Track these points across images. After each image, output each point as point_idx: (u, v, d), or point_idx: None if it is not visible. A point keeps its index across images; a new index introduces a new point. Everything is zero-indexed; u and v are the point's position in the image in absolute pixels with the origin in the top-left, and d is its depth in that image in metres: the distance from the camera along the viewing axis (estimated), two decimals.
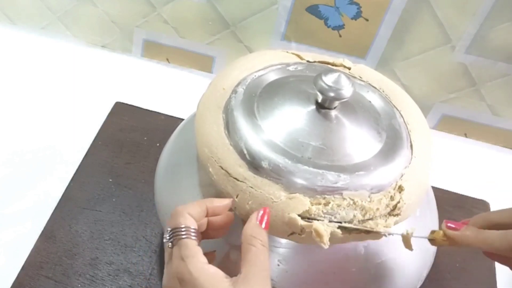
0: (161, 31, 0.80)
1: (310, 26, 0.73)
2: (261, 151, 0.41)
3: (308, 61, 0.52)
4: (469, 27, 0.68)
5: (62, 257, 0.56)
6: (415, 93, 0.75)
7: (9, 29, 0.85)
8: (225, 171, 0.41)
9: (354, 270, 0.43)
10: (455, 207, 0.68)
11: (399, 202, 0.41)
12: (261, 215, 0.38)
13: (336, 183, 0.40)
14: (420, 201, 0.44)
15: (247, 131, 0.43)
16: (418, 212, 0.46)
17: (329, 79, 0.43)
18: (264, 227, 0.37)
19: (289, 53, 0.53)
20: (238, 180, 0.41)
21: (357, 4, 0.69)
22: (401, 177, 0.42)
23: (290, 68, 0.50)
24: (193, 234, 0.37)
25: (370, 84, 0.51)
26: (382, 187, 0.41)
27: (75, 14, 0.81)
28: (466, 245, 0.38)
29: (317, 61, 0.53)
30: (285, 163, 0.40)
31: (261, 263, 0.36)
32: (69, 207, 0.61)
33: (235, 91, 0.47)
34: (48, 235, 0.58)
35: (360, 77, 0.52)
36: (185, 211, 0.38)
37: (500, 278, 0.61)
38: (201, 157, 0.44)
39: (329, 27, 0.73)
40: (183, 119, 0.57)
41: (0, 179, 0.64)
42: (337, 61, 0.53)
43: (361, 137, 0.45)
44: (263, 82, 0.48)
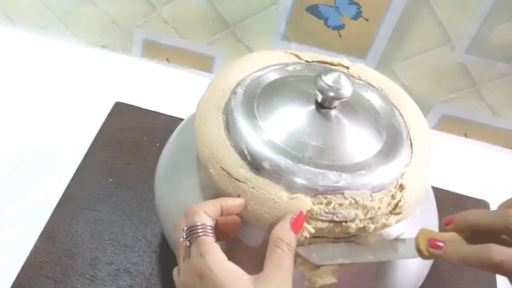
0: (161, 31, 0.80)
1: (310, 26, 0.73)
2: (262, 152, 0.41)
3: (306, 61, 0.52)
4: (469, 27, 0.68)
5: (62, 257, 0.56)
6: (415, 93, 0.75)
7: (9, 29, 0.85)
8: (226, 172, 0.41)
9: (355, 269, 0.43)
10: (455, 207, 0.68)
11: (400, 200, 0.41)
12: (295, 218, 0.38)
13: (337, 182, 0.40)
14: (420, 199, 0.44)
15: (247, 131, 0.43)
16: (418, 210, 0.46)
17: (329, 79, 0.43)
18: (295, 230, 0.38)
19: (287, 53, 0.53)
20: (239, 181, 0.41)
21: (357, 4, 0.69)
22: (402, 175, 0.43)
23: (289, 68, 0.50)
24: (210, 231, 0.38)
25: (369, 83, 0.51)
26: (383, 186, 0.41)
27: (75, 14, 0.81)
28: (449, 262, 0.38)
29: (315, 61, 0.53)
30: (286, 163, 0.40)
31: (285, 266, 0.36)
32: (69, 207, 0.61)
33: (234, 92, 0.47)
34: (48, 235, 0.58)
35: (359, 76, 0.52)
36: (200, 209, 0.38)
37: (500, 278, 0.61)
38: (202, 158, 0.44)
39: (329, 27, 0.73)
40: (183, 119, 0.57)
41: (0, 179, 0.64)
42: (336, 60, 0.53)
43: (362, 136, 0.45)
44: (263, 82, 0.48)
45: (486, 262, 0.35)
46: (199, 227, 0.38)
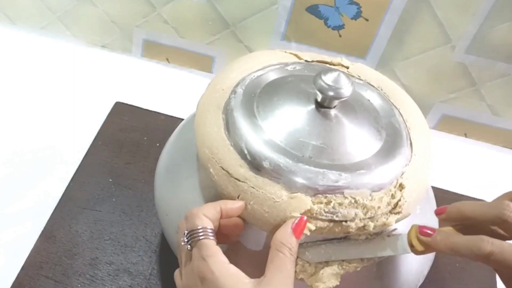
0: (161, 31, 0.80)
1: (310, 26, 0.73)
2: (261, 151, 0.41)
3: (306, 61, 0.52)
4: (469, 27, 0.68)
5: (62, 257, 0.56)
6: (415, 93, 0.75)
7: (9, 29, 0.85)
8: (226, 171, 0.41)
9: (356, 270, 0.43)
10: None
11: (400, 200, 0.41)
12: (296, 223, 0.38)
13: (337, 182, 0.40)
14: (420, 199, 0.44)
15: (247, 131, 0.43)
16: (418, 210, 0.46)
17: (328, 78, 0.43)
18: (296, 235, 0.38)
19: (287, 53, 0.53)
20: (239, 180, 0.41)
21: (357, 4, 0.69)
22: (402, 175, 0.43)
23: (288, 68, 0.50)
24: (211, 234, 0.38)
25: (368, 83, 0.51)
26: (383, 185, 0.41)
27: (75, 14, 0.81)
28: (438, 251, 0.38)
29: (315, 60, 0.53)
30: (286, 163, 0.40)
31: (287, 270, 0.36)
32: (69, 207, 0.61)
33: (234, 92, 0.47)
34: (48, 235, 0.58)
35: (358, 76, 0.52)
36: (200, 213, 0.38)
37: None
38: (202, 158, 0.43)
39: (329, 27, 0.73)
40: (183, 119, 0.57)
41: (0, 179, 0.64)
42: (335, 60, 0.53)
43: (361, 135, 0.45)
44: (262, 82, 0.48)
45: (475, 252, 0.35)
46: (200, 231, 0.38)
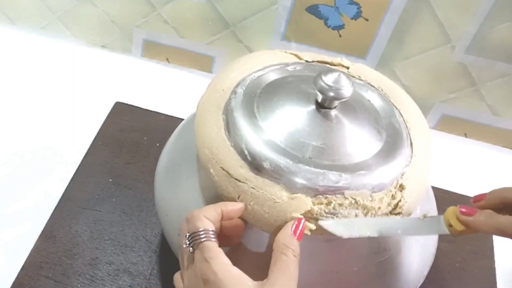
0: (161, 31, 0.80)
1: (310, 26, 0.73)
2: (262, 152, 0.41)
3: (306, 61, 0.52)
4: (469, 27, 0.68)
5: (62, 257, 0.56)
6: (415, 93, 0.75)
7: (9, 29, 0.85)
8: (226, 172, 0.41)
9: (356, 269, 0.43)
10: None
11: (400, 200, 0.41)
12: (296, 225, 0.38)
13: (337, 182, 0.40)
14: (420, 199, 0.44)
15: (247, 131, 0.43)
16: (418, 210, 0.46)
17: (329, 79, 0.43)
18: (297, 237, 0.38)
19: (287, 53, 0.53)
20: (239, 181, 0.41)
21: (357, 4, 0.69)
22: (402, 175, 0.43)
23: (289, 68, 0.50)
24: (212, 236, 0.38)
25: (369, 83, 0.51)
26: (383, 186, 0.41)
27: (75, 14, 0.81)
28: (480, 232, 0.37)
29: (315, 60, 0.53)
30: (287, 163, 0.40)
31: (290, 273, 0.36)
32: (69, 207, 0.61)
33: (234, 92, 0.47)
34: (48, 235, 0.58)
35: (359, 76, 0.52)
36: (201, 214, 0.38)
37: (500, 278, 0.61)
38: (202, 159, 0.43)
39: (329, 27, 0.73)
40: (183, 119, 0.57)
41: (0, 179, 0.64)
42: (336, 60, 0.53)
43: (362, 136, 0.45)
44: (263, 82, 0.48)
45: None
46: (201, 233, 0.37)
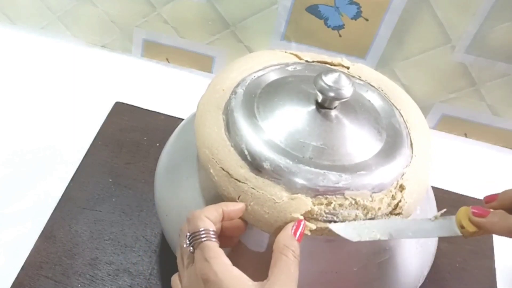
0: (161, 31, 0.80)
1: (310, 26, 0.73)
2: (262, 152, 0.41)
3: (306, 61, 0.52)
4: (469, 27, 0.68)
5: (62, 257, 0.56)
6: (415, 93, 0.75)
7: (9, 29, 0.85)
8: (226, 172, 0.41)
9: (355, 269, 0.43)
10: (455, 207, 0.67)
11: (400, 201, 0.41)
12: (296, 226, 0.38)
13: (338, 183, 0.40)
14: (420, 200, 0.44)
15: (247, 131, 0.43)
16: (418, 210, 0.46)
17: (329, 79, 0.43)
18: (297, 238, 0.38)
19: (287, 53, 0.53)
20: (239, 181, 0.41)
21: (357, 4, 0.69)
22: (402, 176, 0.43)
23: (289, 68, 0.50)
24: (213, 236, 0.38)
25: (369, 83, 0.51)
26: (383, 186, 0.41)
27: (75, 14, 0.81)
28: (493, 233, 0.37)
29: (315, 60, 0.53)
30: (287, 164, 0.40)
31: (290, 274, 0.36)
32: (69, 207, 0.61)
33: (234, 92, 0.47)
34: (48, 235, 0.58)
35: (359, 76, 0.52)
36: (202, 214, 0.38)
37: (500, 278, 0.61)
38: (202, 159, 0.43)
39: (329, 27, 0.73)
40: (183, 119, 0.57)
41: (0, 179, 0.64)
42: (336, 60, 0.53)
43: (362, 136, 0.45)
44: (263, 82, 0.48)
45: None
46: (202, 232, 0.37)
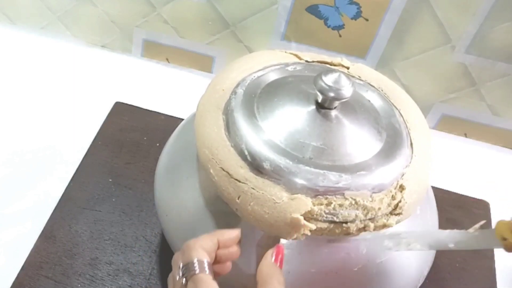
0: (161, 31, 0.80)
1: (310, 26, 0.73)
2: (262, 152, 0.41)
3: (306, 61, 0.52)
4: (469, 27, 0.68)
5: (62, 257, 0.56)
6: (415, 93, 0.75)
7: (9, 29, 0.85)
8: (226, 172, 0.41)
9: (356, 269, 0.43)
10: (455, 207, 0.68)
11: (400, 201, 0.41)
12: (275, 252, 0.38)
13: (338, 183, 0.40)
14: (421, 200, 0.44)
15: (247, 132, 0.43)
16: (418, 210, 0.46)
17: (329, 79, 0.43)
18: (278, 265, 0.38)
19: (287, 53, 0.53)
20: (239, 181, 0.41)
21: (357, 4, 0.69)
22: (402, 176, 0.43)
23: (289, 68, 0.50)
24: (207, 268, 0.37)
25: (369, 83, 0.51)
26: (383, 186, 0.41)
27: (75, 14, 0.81)
28: None
29: (315, 60, 0.53)
30: (287, 164, 0.40)
31: None
32: (69, 207, 0.61)
33: (234, 92, 0.47)
34: (48, 235, 0.58)
35: (359, 76, 0.52)
36: (197, 245, 0.37)
37: (500, 278, 0.61)
38: (202, 159, 0.43)
39: (329, 27, 0.73)
40: (183, 119, 0.57)
41: (0, 179, 0.64)
42: (336, 60, 0.53)
43: (362, 136, 0.44)
44: (263, 82, 0.48)
45: None
46: (196, 264, 0.36)
